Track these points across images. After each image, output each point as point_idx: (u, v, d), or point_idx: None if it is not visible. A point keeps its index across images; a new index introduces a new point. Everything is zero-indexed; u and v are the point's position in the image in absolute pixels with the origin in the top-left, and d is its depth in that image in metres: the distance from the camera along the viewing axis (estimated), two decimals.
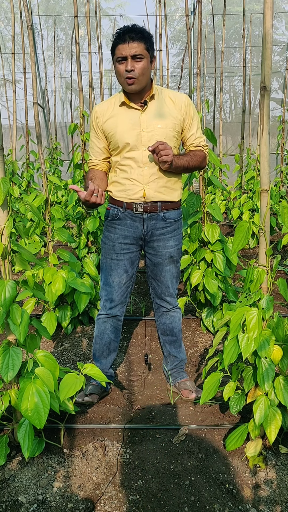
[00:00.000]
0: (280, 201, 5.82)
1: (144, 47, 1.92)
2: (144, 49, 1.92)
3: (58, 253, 2.93)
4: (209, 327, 3.06)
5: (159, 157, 1.92)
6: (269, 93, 1.63)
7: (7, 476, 1.77)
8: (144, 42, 1.92)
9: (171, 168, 2.00)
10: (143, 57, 1.92)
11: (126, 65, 1.92)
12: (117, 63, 1.95)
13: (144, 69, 1.94)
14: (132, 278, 2.24)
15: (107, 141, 2.09)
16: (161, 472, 1.82)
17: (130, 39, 1.89)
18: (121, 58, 1.92)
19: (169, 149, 1.92)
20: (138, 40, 1.90)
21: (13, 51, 5.59)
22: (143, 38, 1.91)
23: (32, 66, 2.83)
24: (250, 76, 7.42)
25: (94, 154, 2.15)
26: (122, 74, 1.94)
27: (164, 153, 1.91)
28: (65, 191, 6.51)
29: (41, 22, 10.24)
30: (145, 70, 1.95)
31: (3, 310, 1.69)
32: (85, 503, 1.65)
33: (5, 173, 1.65)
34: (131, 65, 1.91)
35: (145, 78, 1.97)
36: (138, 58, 1.91)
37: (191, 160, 2.08)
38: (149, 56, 1.96)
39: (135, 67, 1.92)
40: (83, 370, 1.89)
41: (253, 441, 1.84)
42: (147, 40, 1.93)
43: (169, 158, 1.92)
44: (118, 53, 1.92)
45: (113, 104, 2.06)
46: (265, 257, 1.77)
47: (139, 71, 1.93)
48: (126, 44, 1.89)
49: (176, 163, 1.99)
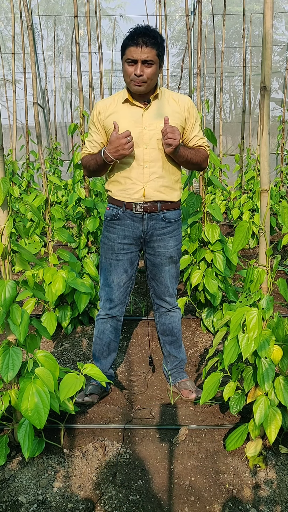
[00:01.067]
0: (280, 201, 5.82)
1: (155, 53, 1.91)
2: (155, 55, 1.91)
3: (58, 253, 2.93)
4: (209, 327, 3.06)
5: (165, 139, 1.91)
6: (269, 93, 1.63)
7: (7, 476, 1.77)
8: (156, 48, 1.91)
9: (175, 154, 1.98)
10: (153, 63, 1.92)
11: (135, 69, 1.91)
12: (126, 64, 1.94)
13: (153, 74, 1.94)
14: (132, 278, 2.24)
15: (107, 137, 2.09)
16: (161, 472, 1.82)
17: (143, 43, 1.87)
18: (131, 61, 1.92)
19: (177, 134, 1.91)
20: (151, 46, 1.88)
21: (13, 51, 5.59)
22: (155, 44, 1.90)
23: (32, 66, 2.83)
24: (250, 76, 7.42)
25: (91, 148, 2.12)
26: (130, 75, 1.94)
27: (171, 136, 1.90)
28: (65, 191, 6.50)
29: (42, 22, 10.26)
30: (154, 76, 1.95)
31: (3, 310, 1.69)
32: (85, 503, 1.65)
33: (5, 173, 1.65)
34: (140, 69, 1.90)
35: (152, 82, 1.97)
36: (148, 63, 1.91)
37: (195, 155, 2.08)
38: (159, 61, 1.96)
39: (144, 72, 1.91)
40: (83, 370, 1.89)
41: (253, 441, 1.84)
42: (159, 46, 1.92)
43: (174, 142, 1.91)
44: (129, 54, 1.91)
45: (116, 101, 2.06)
46: (265, 257, 1.77)
47: (148, 75, 1.92)
48: (138, 48, 1.88)
49: (180, 151, 1.98)
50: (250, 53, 7.45)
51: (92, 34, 9.79)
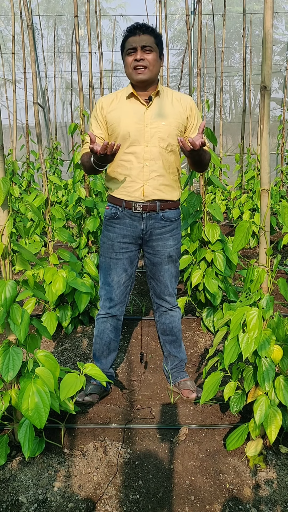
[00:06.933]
0: (281, 201, 5.82)
1: (153, 40, 1.97)
2: (153, 42, 1.97)
3: (58, 253, 2.93)
4: (210, 326, 3.06)
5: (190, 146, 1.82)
6: (269, 93, 1.63)
7: (8, 476, 1.77)
8: (154, 37, 1.98)
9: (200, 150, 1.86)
10: (152, 50, 1.97)
11: (135, 55, 1.95)
12: (126, 56, 1.99)
13: (153, 60, 1.98)
14: (132, 277, 2.24)
15: (108, 133, 2.09)
16: (161, 471, 1.82)
17: (140, 31, 1.95)
18: (131, 49, 1.96)
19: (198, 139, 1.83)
20: (148, 34, 1.96)
21: (13, 51, 5.58)
22: (153, 32, 1.98)
23: (32, 66, 2.84)
24: (250, 76, 7.42)
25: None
26: (130, 64, 1.98)
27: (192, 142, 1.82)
28: (65, 191, 6.50)
29: (42, 22, 10.24)
30: (155, 62, 1.99)
31: (4, 310, 1.69)
32: (86, 503, 1.65)
33: (5, 173, 1.65)
34: (140, 54, 1.95)
35: (153, 70, 1.99)
36: (148, 49, 1.96)
37: (205, 154, 2.06)
38: (158, 51, 2.00)
39: (145, 57, 1.96)
40: (84, 370, 1.89)
41: (254, 441, 1.84)
42: (156, 36, 1.99)
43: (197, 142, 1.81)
44: (128, 45, 1.97)
45: (119, 97, 2.08)
46: (265, 257, 1.77)
47: (148, 61, 1.96)
48: (136, 36, 1.95)
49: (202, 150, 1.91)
50: (250, 53, 7.45)
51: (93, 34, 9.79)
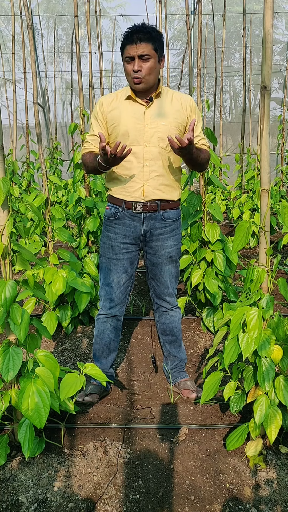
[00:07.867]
0: (281, 201, 5.82)
1: (151, 47, 1.94)
2: (151, 49, 1.94)
3: (58, 253, 2.93)
4: (210, 326, 3.06)
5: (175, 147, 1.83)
6: (270, 93, 1.63)
7: (8, 475, 1.77)
8: (152, 43, 1.94)
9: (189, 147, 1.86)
10: (150, 57, 1.95)
11: (133, 65, 1.95)
12: (125, 63, 1.99)
13: (151, 69, 1.96)
14: (132, 277, 2.24)
15: (108, 132, 2.09)
16: (161, 471, 1.82)
17: (138, 39, 1.91)
18: (129, 58, 1.96)
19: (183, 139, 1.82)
20: (145, 41, 1.92)
21: (13, 51, 5.57)
22: (151, 39, 1.93)
23: (33, 66, 2.83)
24: (250, 76, 7.42)
25: (93, 142, 2.11)
26: (129, 73, 1.98)
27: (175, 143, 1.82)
28: (65, 190, 6.50)
29: (42, 22, 10.25)
30: (152, 70, 1.97)
31: (4, 310, 1.69)
32: (86, 503, 1.65)
33: (5, 173, 1.65)
34: (138, 65, 1.94)
35: (152, 77, 1.99)
36: (145, 58, 1.94)
37: (200, 153, 2.05)
38: (157, 56, 1.98)
39: (142, 67, 1.94)
40: (84, 370, 1.89)
41: (254, 441, 1.84)
42: (155, 40, 1.95)
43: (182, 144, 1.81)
44: (126, 53, 1.96)
45: (119, 97, 2.08)
46: (265, 257, 1.77)
47: (146, 71, 1.95)
48: (133, 45, 1.92)
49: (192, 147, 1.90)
50: (250, 53, 7.45)
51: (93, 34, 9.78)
